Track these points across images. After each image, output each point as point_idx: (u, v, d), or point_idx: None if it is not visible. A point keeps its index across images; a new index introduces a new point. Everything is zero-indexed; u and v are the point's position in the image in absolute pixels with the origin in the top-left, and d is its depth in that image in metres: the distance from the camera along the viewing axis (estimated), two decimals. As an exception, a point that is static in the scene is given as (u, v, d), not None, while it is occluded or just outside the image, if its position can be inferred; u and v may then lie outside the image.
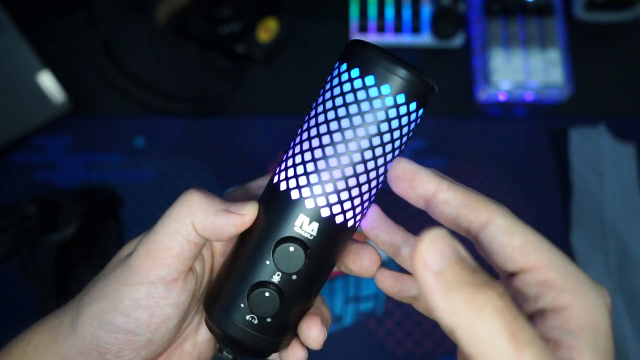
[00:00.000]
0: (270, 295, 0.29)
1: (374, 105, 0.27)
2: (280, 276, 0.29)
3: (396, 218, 0.63)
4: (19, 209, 0.54)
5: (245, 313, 0.30)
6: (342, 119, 0.28)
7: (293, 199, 0.29)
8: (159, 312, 0.30)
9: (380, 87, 0.27)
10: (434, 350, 0.56)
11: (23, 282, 0.57)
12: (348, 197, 0.29)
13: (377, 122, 0.27)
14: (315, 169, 0.28)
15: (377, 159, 0.28)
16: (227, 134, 0.64)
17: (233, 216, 0.29)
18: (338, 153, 0.28)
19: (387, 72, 0.27)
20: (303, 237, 0.29)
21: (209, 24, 0.66)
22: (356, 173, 0.28)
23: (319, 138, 0.28)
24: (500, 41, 0.65)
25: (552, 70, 0.63)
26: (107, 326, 0.29)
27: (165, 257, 0.29)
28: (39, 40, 0.65)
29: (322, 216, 0.29)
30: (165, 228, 0.29)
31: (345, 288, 0.58)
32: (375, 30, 0.66)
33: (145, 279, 0.29)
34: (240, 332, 0.30)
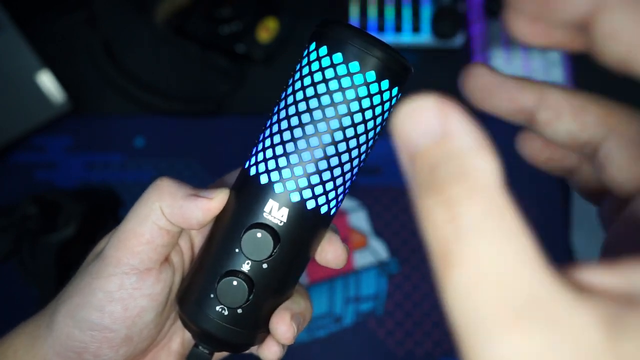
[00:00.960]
0: (239, 284, 0.28)
1: (342, 84, 0.26)
2: (250, 265, 0.28)
3: (397, 217, 0.64)
4: (19, 209, 0.54)
5: (215, 304, 0.28)
6: (310, 99, 0.27)
7: (262, 183, 0.28)
8: (132, 305, 0.29)
9: (349, 65, 0.26)
10: (434, 350, 0.56)
11: (23, 282, 0.57)
12: (319, 180, 0.27)
13: (346, 102, 0.26)
14: (284, 151, 0.27)
15: (348, 140, 0.27)
16: (227, 134, 0.64)
17: (201, 200, 0.28)
18: (307, 135, 0.27)
19: (357, 49, 0.26)
20: (272, 223, 0.28)
21: (209, 24, 0.66)
22: (327, 155, 0.27)
23: (287, 120, 0.27)
24: (500, 41, 0.65)
25: (552, 70, 0.63)
26: (81, 323, 0.29)
27: (135, 244, 0.29)
28: (39, 40, 0.65)
29: (292, 201, 0.27)
30: (134, 215, 0.29)
31: (345, 288, 0.58)
32: (375, 30, 0.66)
33: (117, 269, 0.29)
34: (211, 324, 0.29)
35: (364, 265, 0.59)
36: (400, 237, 0.60)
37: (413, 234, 0.60)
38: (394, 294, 0.58)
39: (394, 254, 0.59)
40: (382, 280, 0.59)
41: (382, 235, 0.60)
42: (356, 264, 0.59)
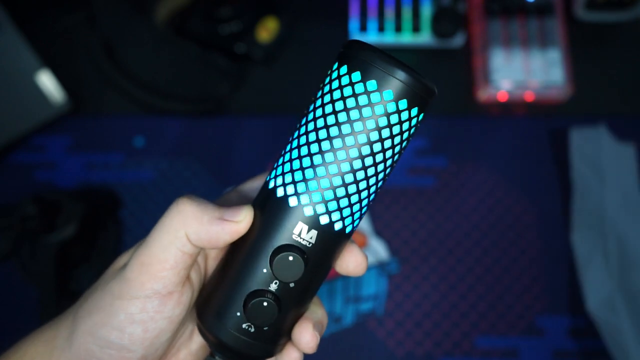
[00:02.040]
0: (269, 305, 0.28)
1: (376, 111, 0.26)
2: (277, 284, 0.29)
3: (397, 217, 0.64)
4: (19, 209, 0.54)
5: (242, 322, 0.29)
6: (343, 124, 0.27)
7: (291, 206, 0.28)
8: (152, 327, 0.29)
9: (383, 93, 0.26)
10: (434, 350, 0.56)
11: (23, 282, 0.57)
12: (347, 204, 0.28)
13: (378, 128, 0.27)
14: (315, 175, 0.27)
15: (377, 165, 0.28)
16: (227, 134, 0.64)
17: (228, 224, 0.28)
18: (338, 160, 0.27)
19: (390, 77, 0.26)
20: (302, 245, 0.28)
21: (209, 24, 0.66)
22: (356, 180, 0.27)
23: (318, 144, 0.27)
24: (500, 41, 0.65)
25: (552, 70, 0.63)
26: (100, 341, 0.29)
27: (159, 269, 0.28)
28: (39, 40, 0.65)
29: (321, 224, 0.28)
30: (158, 241, 0.29)
31: (345, 288, 0.58)
32: (375, 30, 0.66)
33: (140, 292, 0.28)
34: (235, 340, 0.29)
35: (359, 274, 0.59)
36: (400, 237, 0.60)
37: (413, 234, 0.60)
38: (394, 294, 0.58)
39: (394, 254, 0.59)
40: (382, 280, 0.58)
41: (382, 235, 0.60)
42: (356, 264, 0.59)
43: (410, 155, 0.63)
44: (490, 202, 0.61)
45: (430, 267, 0.59)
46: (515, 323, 0.57)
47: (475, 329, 0.57)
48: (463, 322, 0.57)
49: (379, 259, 0.59)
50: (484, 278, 0.59)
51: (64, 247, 0.55)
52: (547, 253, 0.59)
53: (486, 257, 0.59)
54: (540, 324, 0.57)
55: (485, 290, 0.58)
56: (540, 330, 0.57)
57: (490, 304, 0.58)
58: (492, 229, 0.60)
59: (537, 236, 0.60)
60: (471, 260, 0.59)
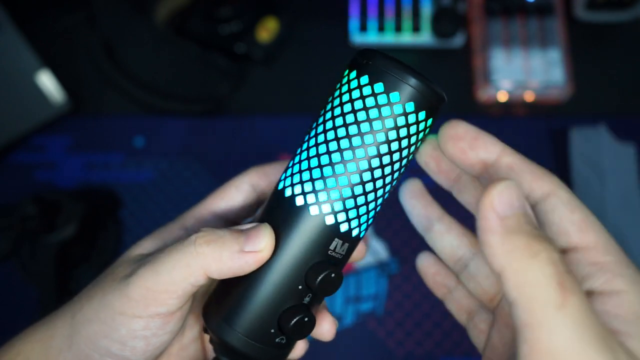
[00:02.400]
0: (309, 320, 0.29)
1: (398, 122, 0.27)
2: (310, 297, 0.29)
3: (397, 217, 0.64)
4: (19, 209, 0.54)
5: (276, 336, 0.29)
6: (366, 134, 0.27)
7: (328, 224, 0.28)
8: (155, 341, 0.29)
9: (405, 105, 0.27)
10: (434, 350, 0.56)
11: (23, 282, 0.57)
12: (366, 210, 0.29)
13: (399, 138, 0.27)
14: (352, 194, 0.27)
15: (394, 173, 0.29)
16: (227, 134, 0.64)
17: (250, 256, 0.27)
18: (374, 179, 0.28)
19: (413, 90, 0.27)
20: (335, 259, 0.29)
21: (209, 24, 0.66)
22: (378, 190, 0.28)
23: (357, 163, 0.27)
24: (500, 41, 0.65)
25: (552, 70, 0.63)
26: (101, 350, 0.29)
27: (166, 298, 0.28)
28: (39, 40, 0.65)
29: (353, 236, 0.29)
30: (169, 272, 0.28)
31: (345, 288, 0.58)
32: (375, 30, 0.66)
33: (144, 313, 0.28)
34: (265, 353, 0.29)
35: (364, 265, 0.59)
36: (400, 237, 0.60)
37: (413, 234, 0.60)
38: (394, 294, 0.58)
39: (394, 254, 0.59)
40: (382, 280, 0.58)
41: (382, 235, 0.60)
42: (356, 264, 0.59)
43: (410, 155, 0.63)
44: (490, 202, 0.61)
45: (430, 267, 0.59)
46: (515, 323, 0.57)
47: (475, 329, 0.57)
48: (463, 322, 0.57)
49: (379, 259, 0.59)
50: (484, 278, 0.59)
51: (64, 247, 0.55)
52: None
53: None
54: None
55: (485, 290, 0.58)
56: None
57: (490, 304, 0.58)
58: (492, 229, 0.60)
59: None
60: (471, 260, 0.59)
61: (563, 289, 0.20)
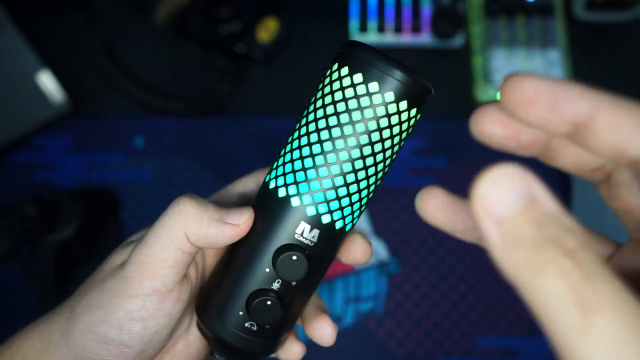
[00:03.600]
0: (272, 304, 0.28)
1: (377, 112, 0.27)
2: (280, 283, 0.29)
3: (397, 217, 0.64)
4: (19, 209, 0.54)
5: (245, 320, 0.29)
6: (345, 125, 0.27)
7: (293, 206, 0.28)
8: (152, 324, 0.29)
9: (385, 94, 0.27)
10: (434, 350, 0.56)
11: (23, 282, 0.57)
12: (349, 202, 0.28)
13: (379, 129, 0.27)
14: (317, 176, 0.28)
15: (377, 164, 0.28)
16: (227, 134, 0.64)
17: (228, 227, 0.28)
18: (341, 160, 0.27)
19: (392, 79, 0.27)
20: (304, 244, 0.28)
21: (209, 24, 0.66)
22: (357, 179, 0.28)
23: (320, 144, 0.28)
24: (500, 41, 0.65)
25: (552, 70, 0.63)
26: (98, 338, 0.29)
27: (158, 268, 0.28)
28: (39, 40, 0.65)
29: (323, 223, 0.28)
30: (158, 240, 0.29)
31: (345, 288, 0.58)
32: (375, 30, 0.66)
33: (139, 291, 0.29)
34: (237, 338, 0.29)
35: (364, 265, 0.59)
36: (400, 237, 0.60)
37: (413, 234, 0.60)
38: (394, 294, 0.58)
39: (394, 254, 0.59)
40: (382, 280, 0.58)
41: (382, 235, 0.60)
42: (356, 264, 0.59)
43: (410, 155, 0.63)
44: (490, 202, 0.61)
45: (430, 267, 0.59)
46: (515, 323, 0.57)
47: (475, 329, 0.57)
48: (463, 322, 0.57)
49: (379, 259, 0.59)
50: (484, 278, 0.59)
51: (64, 247, 0.55)
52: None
53: (486, 257, 0.59)
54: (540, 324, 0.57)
55: (485, 290, 0.58)
56: (540, 330, 0.57)
57: (490, 304, 0.58)
58: (492, 229, 0.60)
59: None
60: (471, 260, 0.59)
61: (583, 308, 0.16)
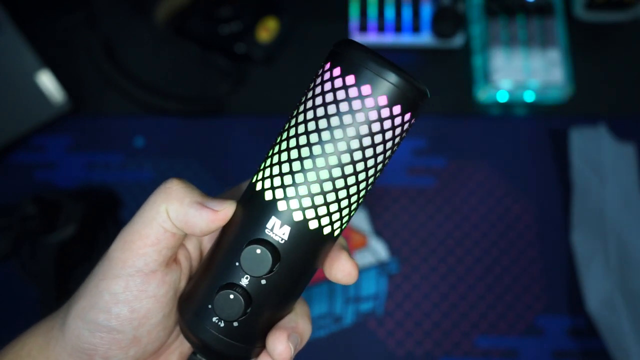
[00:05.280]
0: (235, 298, 0.28)
1: (369, 117, 0.26)
2: (249, 280, 0.28)
3: (397, 217, 0.64)
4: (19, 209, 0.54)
5: (212, 315, 0.29)
6: (320, 119, 0.26)
7: (266, 200, 0.28)
8: (138, 306, 0.29)
9: (377, 98, 0.26)
10: (434, 350, 0.56)
11: (23, 282, 0.57)
12: (323, 202, 0.27)
13: (357, 125, 0.26)
14: (290, 170, 0.27)
15: (356, 163, 0.27)
16: (227, 134, 0.64)
17: (207, 211, 0.28)
18: (314, 156, 0.27)
19: (385, 82, 0.26)
20: (273, 240, 0.27)
21: (209, 24, 0.66)
22: (332, 177, 0.27)
23: (296, 138, 0.27)
24: (500, 41, 0.65)
25: (552, 70, 0.63)
26: (90, 325, 0.29)
27: (140, 246, 0.29)
28: (39, 40, 0.65)
29: (294, 220, 0.27)
30: (141, 217, 0.29)
31: (345, 288, 0.58)
32: (375, 30, 0.66)
33: (122, 271, 0.29)
34: (207, 334, 0.29)
35: (364, 265, 0.59)
36: (400, 237, 0.60)
37: (413, 234, 0.60)
38: (394, 294, 0.58)
39: (394, 254, 0.59)
40: (382, 280, 0.58)
41: (382, 235, 0.60)
42: (356, 264, 0.59)
43: (410, 155, 0.63)
44: (490, 202, 0.61)
45: (430, 267, 0.59)
46: (515, 323, 0.57)
47: (475, 329, 0.57)
48: (463, 322, 0.57)
49: (379, 259, 0.59)
50: (484, 278, 0.59)
51: (64, 247, 0.55)
52: (547, 253, 0.59)
53: (486, 257, 0.59)
54: (540, 324, 0.57)
55: (485, 290, 0.58)
56: (540, 330, 0.57)
57: (490, 304, 0.58)
58: (492, 229, 0.60)
59: (536, 236, 0.60)
60: (471, 260, 0.59)
61: None
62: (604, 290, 0.56)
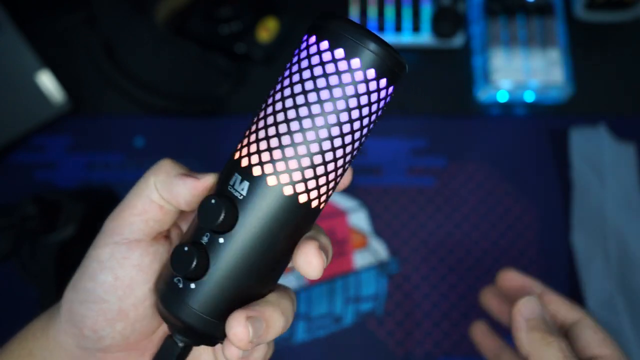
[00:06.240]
0: (188, 251, 0.27)
1: (358, 90, 0.26)
2: (208, 237, 0.27)
3: (397, 217, 0.64)
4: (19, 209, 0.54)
5: (172, 275, 0.28)
6: (309, 92, 0.26)
7: (234, 159, 0.28)
8: (122, 274, 0.29)
9: (367, 71, 0.26)
10: (434, 350, 0.56)
11: (23, 282, 0.57)
12: (281, 157, 0.27)
13: (359, 106, 0.26)
14: (256, 128, 0.28)
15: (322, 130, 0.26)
16: (227, 134, 0.64)
17: (190, 179, 0.30)
18: (275, 111, 0.27)
19: (359, 46, 0.26)
20: (233, 195, 0.27)
21: (209, 24, 0.66)
22: (290, 130, 0.26)
23: (283, 112, 0.27)
24: (500, 41, 0.65)
25: (552, 70, 0.63)
26: (79, 294, 0.30)
27: (128, 215, 0.30)
28: (39, 40, 0.65)
29: (252, 175, 0.27)
30: (132, 189, 0.31)
31: (345, 288, 0.58)
32: (375, 30, 0.66)
33: (110, 239, 0.30)
34: (169, 299, 0.28)
35: (364, 265, 0.59)
36: (400, 237, 0.60)
37: (413, 234, 0.60)
38: (394, 294, 0.58)
39: (394, 254, 0.59)
40: (382, 280, 0.58)
41: (382, 235, 0.60)
42: (356, 264, 0.59)
43: (410, 155, 0.63)
44: (490, 202, 0.61)
45: (430, 267, 0.59)
46: (515, 323, 0.57)
47: (475, 329, 0.57)
48: (463, 322, 0.57)
49: (379, 259, 0.59)
50: (484, 278, 0.59)
51: (64, 247, 0.55)
52: (547, 253, 0.59)
53: (486, 257, 0.59)
54: None
55: (485, 290, 0.58)
56: (540, 330, 0.57)
57: (490, 304, 0.58)
58: (492, 229, 0.60)
59: (536, 236, 0.60)
60: (471, 260, 0.59)
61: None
62: (604, 291, 0.56)
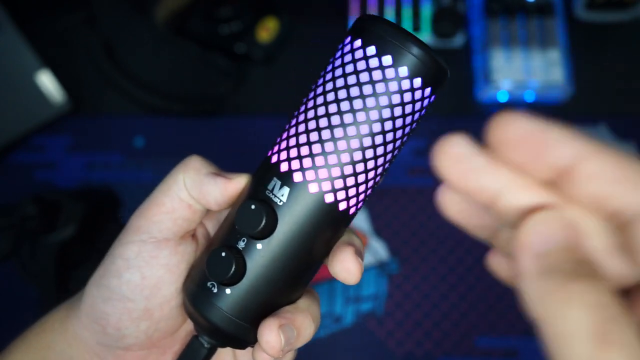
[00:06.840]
0: (226, 256, 0.26)
1: (404, 98, 0.25)
2: (245, 243, 0.27)
3: (397, 217, 0.64)
4: (19, 209, 0.54)
5: (206, 279, 0.27)
6: (355, 99, 0.26)
7: (271, 163, 0.27)
8: (149, 273, 0.29)
9: (413, 80, 0.25)
10: (434, 350, 0.56)
11: (23, 282, 0.57)
12: (324, 163, 0.26)
13: (390, 105, 0.26)
14: (296, 132, 0.27)
15: (383, 145, 0.26)
16: (227, 134, 0.64)
17: (221, 179, 0.29)
18: (318, 116, 0.26)
19: (406, 53, 0.25)
20: (272, 201, 0.27)
21: (209, 24, 0.66)
22: (334, 137, 0.26)
23: (314, 109, 0.27)
24: (500, 41, 0.65)
25: (552, 70, 0.63)
26: (102, 291, 0.29)
27: (155, 212, 0.29)
28: (39, 40, 0.65)
29: (294, 181, 0.26)
30: (160, 186, 0.30)
31: (345, 288, 0.58)
32: (375, 30, 0.66)
33: (136, 237, 0.29)
34: (202, 303, 0.27)
35: (364, 265, 0.59)
36: (400, 237, 0.60)
37: (413, 234, 0.60)
38: (394, 294, 0.58)
39: (394, 254, 0.59)
40: (382, 280, 0.58)
41: (382, 235, 0.60)
42: (356, 264, 0.59)
43: (410, 155, 0.63)
44: (490, 202, 0.61)
45: (430, 267, 0.59)
46: (515, 323, 0.57)
47: (475, 329, 0.57)
48: (463, 322, 0.57)
49: (379, 259, 0.59)
50: (484, 278, 0.59)
51: (64, 247, 0.55)
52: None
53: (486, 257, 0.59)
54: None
55: (485, 290, 0.58)
56: (540, 330, 0.57)
57: (490, 304, 0.58)
58: (492, 229, 0.60)
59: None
60: (471, 259, 0.59)
61: (601, 341, 0.15)
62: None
